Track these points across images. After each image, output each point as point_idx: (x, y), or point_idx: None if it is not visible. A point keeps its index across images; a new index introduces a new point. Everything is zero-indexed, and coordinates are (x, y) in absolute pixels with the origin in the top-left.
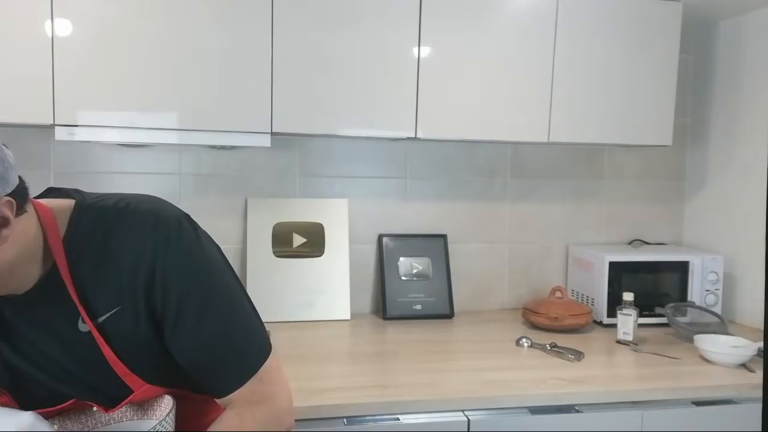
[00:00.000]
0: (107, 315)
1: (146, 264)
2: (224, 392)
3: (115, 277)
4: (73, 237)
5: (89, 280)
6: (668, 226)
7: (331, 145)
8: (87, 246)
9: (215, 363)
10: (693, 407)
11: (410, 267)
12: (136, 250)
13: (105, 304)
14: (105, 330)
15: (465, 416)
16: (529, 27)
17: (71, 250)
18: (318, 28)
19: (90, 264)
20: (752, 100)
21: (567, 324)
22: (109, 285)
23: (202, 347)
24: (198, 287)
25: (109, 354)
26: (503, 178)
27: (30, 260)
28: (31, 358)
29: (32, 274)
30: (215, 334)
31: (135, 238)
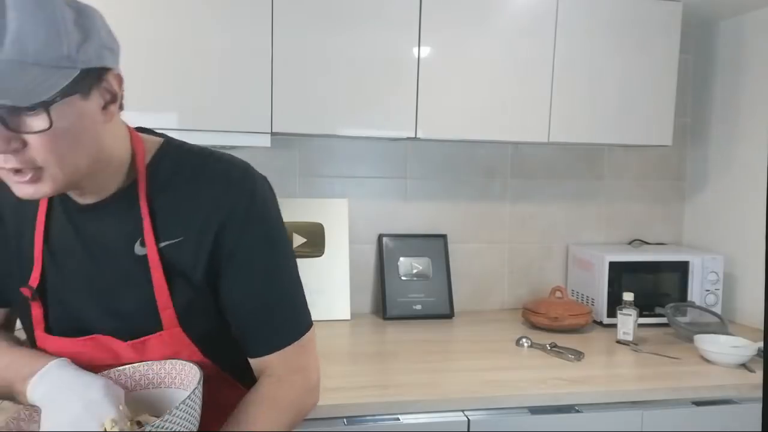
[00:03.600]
0: (169, 242)
1: (224, 210)
2: (269, 349)
3: (187, 212)
4: (157, 166)
5: (161, 209)
6: (668, 226)
7: (331, 145)
8: (168, 178)
9: (268, 316)
10: (693, 407)
11: (410, 267)
12: (216, 194)
13: (170, 232)
14: (162, 257)
15: (465, 416)
16: (529, 27)
17: (152, 177)
18: (318, 28)
19: (166, 195)
20: (752, 99)
21: (567, 324)
22: (179, 217)
23: (258, 297)
24: (267, 244)
25: (159, 280)
26: (503, 178)
27: (116, 165)
28: (74, 270)
29: (113, 181)
30: (274, 288)
31: (218, 184)
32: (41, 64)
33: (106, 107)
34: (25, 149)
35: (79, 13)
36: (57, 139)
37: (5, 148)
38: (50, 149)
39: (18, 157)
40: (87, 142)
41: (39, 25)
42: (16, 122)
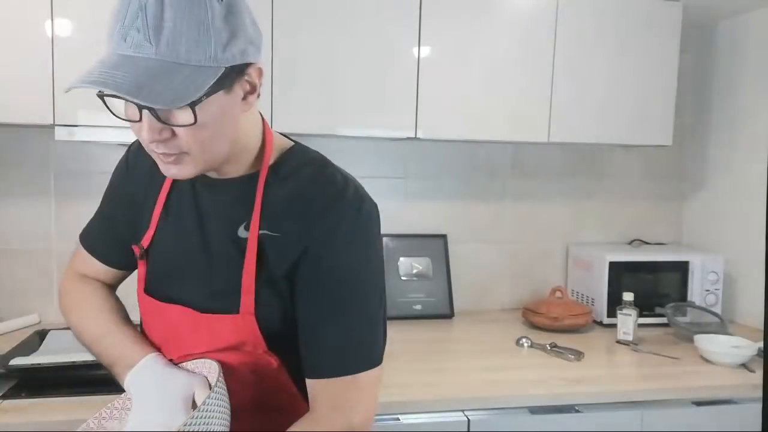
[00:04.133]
0: (268, 233)
1: (325, 223)
2: (320, 371)
3: (293, 213)
4: (280, 164)
5: (272, 203)
6: (668, 226)
7: (331, 145)
8: (286, 178)
9: (329, 339)
10: (693, 407)
11: (410, 267)
12: (322, 205)
13: (271, 225)
14: (261, 242)
15: (465, 416)
16: (529, 27)
17: (273, 173)
18: (318, 28)
19: (280, 192)
20: (752, 100)
21: (567, 324)
22: (284, 215)
23: (327, 315)
24: (353, 265)
25: (250, 264)
26: (503, 178)
27: (250, 152)
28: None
29: (243, 166)
30: (345, 312)
31: (330, 196)
32: (190, 64)
33: (246, 98)
34: (173, 138)
35: (228, 8)
36: (201, 131)
37: (156, 137)
38: (195, 139)
39: (167, 144)
40: (227, 131)
41: (191, 25)
42: (166, 115)
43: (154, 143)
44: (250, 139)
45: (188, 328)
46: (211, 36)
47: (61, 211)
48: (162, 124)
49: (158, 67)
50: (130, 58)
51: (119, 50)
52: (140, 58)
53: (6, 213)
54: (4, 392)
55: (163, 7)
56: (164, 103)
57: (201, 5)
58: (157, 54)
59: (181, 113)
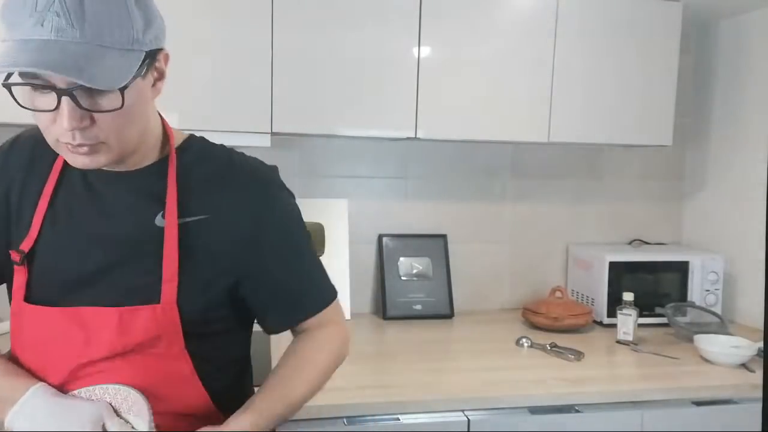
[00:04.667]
0: (192, 219)
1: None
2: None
3: (213, 193)
4: (186, 149)
5: (187, 187)
6: (668, 226)
7: (331, 145)
8: (195, 161)
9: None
10: (693, 407)
11: (410, 267)
12: (243, 182)
13: (194, 209)
14: (180, 232)
15: (465, 416)
16: (529, 27)
17: (180, 158)
18: (318, 28)
19: (193, 175)
20: (752, 99)
21: (567, 324)
22: (204, 197)
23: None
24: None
25: (171, 253)
26: (503, 178)
27: (153, 141)
28: (78, 235)
29: (149, 156)
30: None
31: (245, 172)
32: (115, 47)
33: (155, 84)
34: (92, 126)
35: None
36: (121, 117)
37: (77, 125)
38: (114, 126)
39: (84, 132)
40: (140, 118)
41: (112, 8)
42: (90, 101)
43: (71, 132)
44: (155, 128)
45: (92, 328)
46: (131, 19)
47: None
48: (84, 110)
49: (86, 50)
50: (53, 42)
51: (35, 35)
52: (65, 42)
53: None
54: None
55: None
56: (106, 84)
57: None
58: (83, 37)
59: (106, 98)
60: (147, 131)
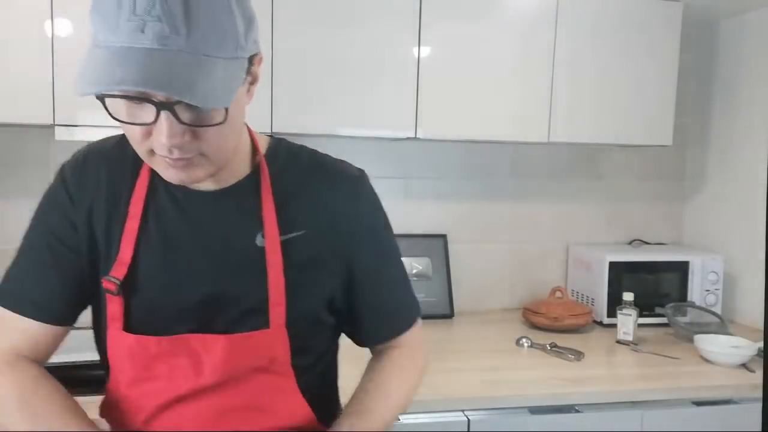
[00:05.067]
0: (290, 236)
1: (343, 202)
2: (393, 334)
3: (308, 206)
4: (274, 157)
5: (281, 200)
6: (668, 226)
7: (331, 145)
8: (285, 170)
9: (392, 303)
10: (693, 407)
11: (410, 267)
12: (335, 187)
13: (291, 225)
14: (284, 249)
15: (465, 416)
16: (529, 27)
17: (270, 168)
18: (318, 28)
19: (285, 186)
20: (752, 100)
21: (567, 324)
22: (299, 210)
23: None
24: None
25: (276, 274)
26: (503, 178)
27: (243, 152)
28: (175, 260)
29: (240, 168)
30: (397, 274)
31: (335, 177)
32: (220, 56)
33: (249, 90)
34: (193, 140)
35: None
36: (224, 129)
37: (178, 141)
38: (216, 139)
39: (184, 147)
40: (239, 128)
41: (216, 11)
42: (188, 115)
43: (170, 148)
44: (244, 137)
45: (200, 356)
46: (236, 23)
47: None
48: (184, 125)
49: (193, 62)
50: (158, 53)
51: (136, 43)
52: (169, 52)
53: (6, 213)
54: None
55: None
56: (217, 102)
57: None
58: (189, 46)
59: (211, 112)
60: (239, 141)
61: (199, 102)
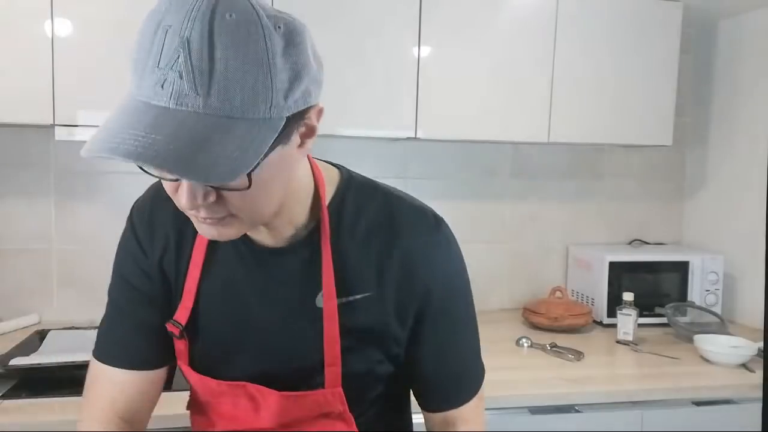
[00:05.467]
0: (355, 297)
1: (417, 262)
2: (453, 405)
3: (375, 261)
4: (339, 206)
5: (346, 256)
6: (668, 226)
7: (330, 145)
8: (352, 222)
9: (456, 371)
10: (693, 407)
11: None
12: (408, 242)
13: (356, 285)
14: (343, 311)
15: None
16: (529, 27)
17: (335, 219)
18: (317, 28)
19: (351, 238)
20: (752, 99)
21: (567, 324)
22: (366, 267)
23: (450, 351)
24: (460, 295)
25: (331, 335)
26: (503, 178)
27: (302, 202)
28: (233, 311)
29: (296, 220)
30: (465, 340)
31: (409, 231)
32: (246, 117)
33: (303, 143)
34: (219, 200)
35: (288, 39)
36: (254, 191)
37: (199, 203)
38: (245, 202)
39: (211, 207)
40: (282, 186)
41: (249, 67)
42: None
43: (195, 209)
44: (303, 186)
45: (259, 402)
46: (271, 79)
47: (60, 212)
48: (206, 187)
49: (207, 125)
50: (170, 112)
51: (153, 99)
52: (183, 112)
53: (6, 213)
54: (4, 392)
55: (212, 42)
56: (219, 178)
57: (258, 37)
58: (206, 107)
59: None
60: (292, 193)
61: (196, 179)
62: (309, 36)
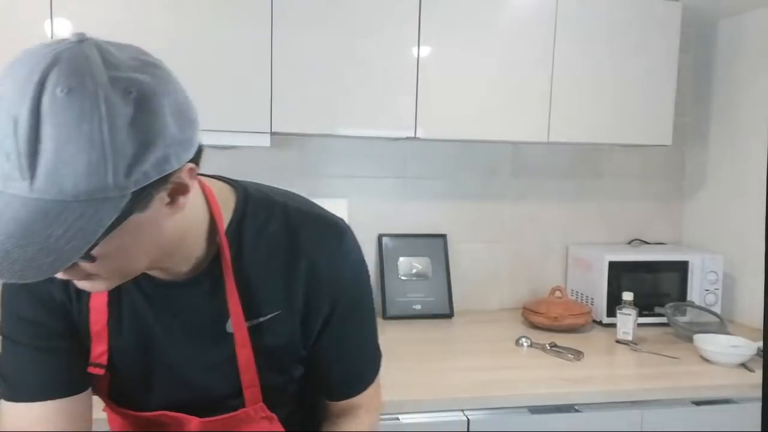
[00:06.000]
0: (264, 318)
1: (320, 272)
2: (357, 392)
3: (281, 279)
4: (239, 229)
5: (251, 278)
6: (668, 226)
7: (331, 145)
8: (253, 242)
9: (358, 361)
10: (693, 407)
11: (410, 267)
12: (311, 255)
13: (264, 306)
14: (253, 333)
15: (465, 416)
16: (529, 27)
17: (235, 243)
18: (318, 28)
19: (253, 260)
20: (752, 99)
21: (567, 324)
22: (271, 287)
23: (352, 347)
24: (360, 295)
25: (246, 359)
26: (503, 178)
27: (195, 236)
28: (144, 346)
29: (194, 255)
30: (365, 335)
31: (312, 244)
32: (79, 200)
33: (174, 201)
34: (74, 266)
35: (139, 106)
36: (108, 260)
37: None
38: (102, 269)
39: (68, 273)
40: (145, 247)
41: (80, 146)
42: None
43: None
44: (194, 221)
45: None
46: (108, 158)
47: None
48: None
49: (33, 210)
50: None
51: None
52: (9, 196)
53: None
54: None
55: (39, 123)
56: (36, 276)
57: (93, 114)
58: (33, 191)
59: None
60: (182, 235)
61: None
62: (172, 94)
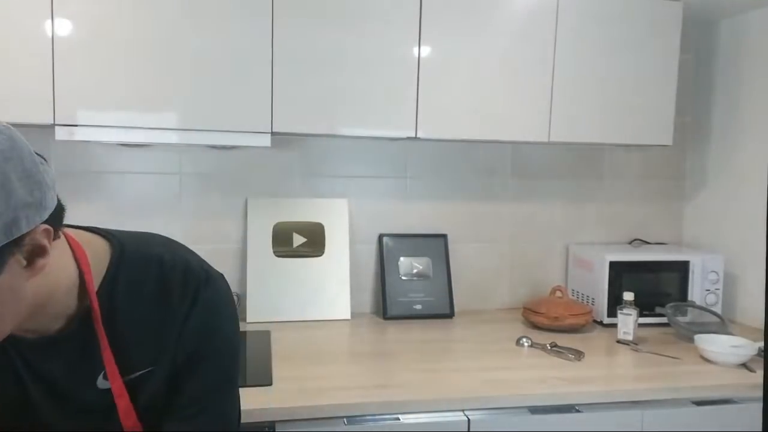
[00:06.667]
0: (138, 374)
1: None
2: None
3: (152, 335)
4: (110, 287)
5: (124, 335)
6: (668, 226)
7: (331, 145)
8: (126, 300)
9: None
10: (693, 407)
11: (410, 267)
12: (177, 310)
13: (137, 362)
14: (129, 387)
15: (465, 416)
16: (529, 27)
17: (107, 299)
18: (318, 28)
19: (126, 318)
20: (753, 99)
21: (567, 324)
22: (144, 344)
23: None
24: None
25: (126, 410)
26: (503, 178)
27: (64, 294)
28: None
29: (64, 312)
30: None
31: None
32: None
33: (32, 263)
34: None
35: None
36: None
37: None
38: None
39: None
40: (9, 308)
41: None
42: None
43: None
44: (61, 282)
45: None
46: None
47: None
48: None
49: None
50: None
51: None
52: None
53: None
54: None
55: None
56: None
57: None
58: None
59: None
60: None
61: None
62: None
